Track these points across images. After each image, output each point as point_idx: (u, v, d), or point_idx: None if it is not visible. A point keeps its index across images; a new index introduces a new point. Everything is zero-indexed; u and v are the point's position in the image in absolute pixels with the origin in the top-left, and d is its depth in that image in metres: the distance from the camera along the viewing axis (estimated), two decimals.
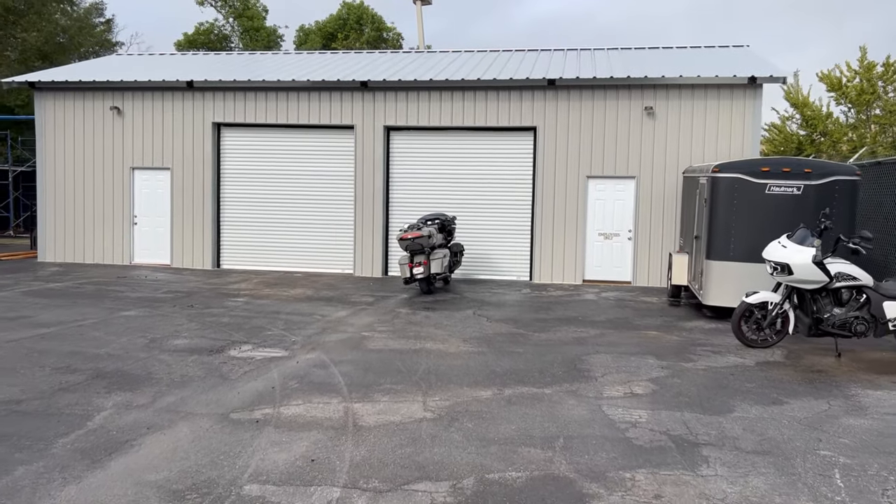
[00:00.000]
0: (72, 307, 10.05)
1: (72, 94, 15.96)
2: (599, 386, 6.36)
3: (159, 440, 4.77)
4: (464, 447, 4.72)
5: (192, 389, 6.01)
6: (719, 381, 6.62)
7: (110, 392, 5.88)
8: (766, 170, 9.89)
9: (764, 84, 13.49)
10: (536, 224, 14.24)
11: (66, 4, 30.34)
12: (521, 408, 5.64)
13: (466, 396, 5.93)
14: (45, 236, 16.22)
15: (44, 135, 16.12)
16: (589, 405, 5.75)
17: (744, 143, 13.63)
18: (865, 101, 19.95)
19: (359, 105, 14.80)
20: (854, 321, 7.86)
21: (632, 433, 5.07)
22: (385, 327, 9.05)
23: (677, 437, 5.02)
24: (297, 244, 15.22)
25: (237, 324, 9.07)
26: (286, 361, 7.08)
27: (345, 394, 5.96)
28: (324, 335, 8.44)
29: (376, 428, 5.10)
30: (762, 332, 8.26)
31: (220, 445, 4.68)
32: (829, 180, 9.77)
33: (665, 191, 13.83)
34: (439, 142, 14.76)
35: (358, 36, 30.99)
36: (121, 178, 15.81)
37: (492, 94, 14.35)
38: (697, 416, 5.50)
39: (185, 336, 8.23)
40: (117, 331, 8.44)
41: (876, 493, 4.08)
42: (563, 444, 4.81)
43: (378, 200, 14.73)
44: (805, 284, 7.90)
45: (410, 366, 6.99)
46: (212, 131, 15.39)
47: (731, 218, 10.02)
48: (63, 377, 6.31)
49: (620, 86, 13.91)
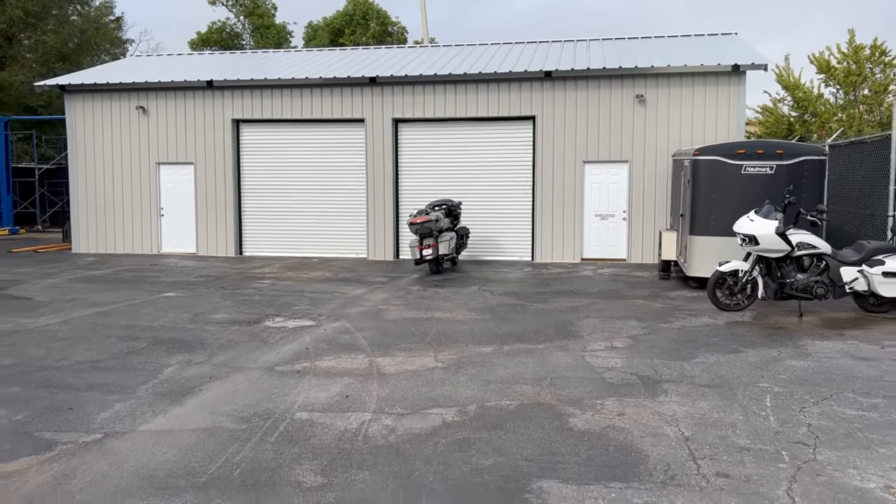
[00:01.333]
0: (117, 290, 11.19)
1: (100, 95, 17.07)
2: (585, 342, 7.43)
3: (221, 386, 5.87)
4: (468, 386, 5.80)
5: (238, 350, 7.12)
6: (690, 337, 7.67)
7: (171, 353, 7.00)
8: (741, 152, 10.87)
9: (747, 71, 14.43)
10: (537, 207, 15.27)
11: (80, 5, 31.42)
12: (516, 358, 6.72)
13: (471, 352, 7.01)
14: (78, 229, 17.39)
15: (74, 134, 17.25)
16: (574, 356, 6.82)
17: (729, 127, 14.57)
18: (852, 82, 20.76)
19: (368, 99, 15.83)
20: (815, 285, 8.89)
21: (607, 375, 6.14)
22: (399, 301, 10.14)
23: (644, 376, 6.08)
24: (314, 231, 16.31)
25: (267, 301, 10.18)
26: (315, 329, 8.18)
27: (368, 351, 7.06)
28: (345, 308, 9.54)
29: (396, 374, 6.19)
30: (734, 297, 9.29)
31: (271, 388, 5.79)
32: (798, 160, 10.75)
33: (656, 173, 14.81)
34: (445, 132, 15.78)
35: (364, 31, 32.06)
36: (147, 172, 16.94)
37: (493, 86, 15.34)
38: (664, 362, 6.56)
39: (224, 312, 9.35)
40: (163, 308, 9.57)
41: (794, 410, 5.14)
42: (549, 382, 5.88)
43: (388, 188, 15.79)
44: (770, 253, 8.92)
45: (423, 330, 8.08)
46: (231, 127, 16.47)
47: (712, 196, 11.02)
48: (129, 343, 7.44)
49: (613, 75, 14.86)
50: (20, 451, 4.43)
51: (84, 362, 6.67)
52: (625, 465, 4.16)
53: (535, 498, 3.73)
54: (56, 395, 5.60)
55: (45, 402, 5.44)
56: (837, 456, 4.28)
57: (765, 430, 4.74)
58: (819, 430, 4.72)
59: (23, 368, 6.43)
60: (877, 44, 20.90)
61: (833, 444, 4.47)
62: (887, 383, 5.83)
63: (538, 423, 4.89)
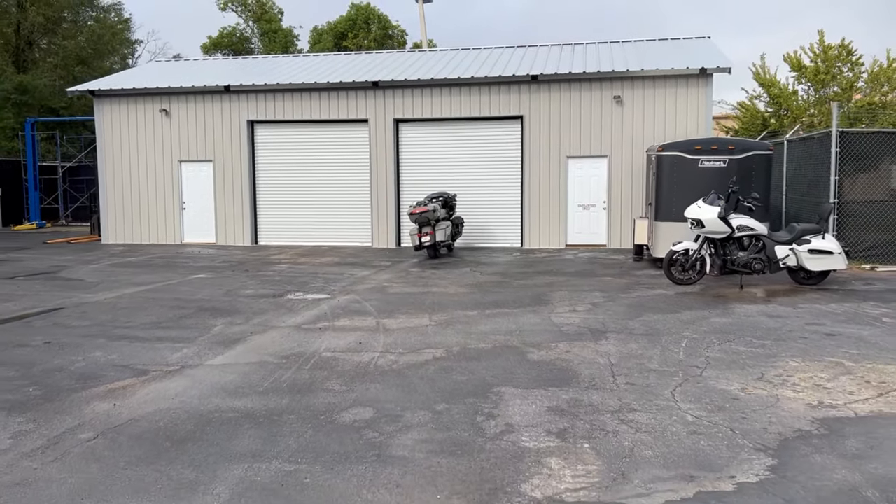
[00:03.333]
0: (154, 273, 12.83)
1: (126, 98, 18.68)
2: (553, 308, 9.04)
3: (261, 337, 7.50)
4: (454, 336, 7.42)
5: (269, 315, 8.74)
6: (641, 304, 9.28)
7: (215, 317, 8.63)
8: (698, 148, 12.46)
9: (714, 73, 15.99)
10: (525, 198, 16.86)
11: (94, 10, 32.95)
12: (494, 319, 8.34)
13: (459, 315, 8.63)
14: (107, 221, 19.03)
15: (103, 135, 18.87)
16: (541, 316, 8.44)
17: (698, 124, 16.14)
18: (821, 80, 22.29)
19: (371, 101, 17.42)
20: (753, 261, 10.49)
21: (564, 328, 7.76)
22: (400, 280, 11.76)
23: (594, 329, 7.69)
24: (323, 221, 17.92)
25: (286, 280, 11.80)
26: (330, 300, 9.80)
27: (375, 315, 8.68)
28: (354, 286, 11.16)
29: (398, 329, 7.81)
30: (686, 272, 10.88)
31: (300, 338, 7.41)
32: (747, 155, 12.33)
33: (633, 167, 16.39)
34: (441, 131, 17.37)
35: (366, 34, 33.71)
36: (170, 169, 18.56)
37: (484, 89, 16.92)
38: (613, 320, 8.17)
39: (251, 288, 10.98)
40: (198, 286, 11.21)
41: (701, 349, 6.74)
42: (518, 333, 7.50)
43: (390, 182, 17.40)
44: (714, 234, 10.52)
45: (420, 301, 9.69)
46: (247, 128, 18.07)
47: (673, 187, 12.61)
48: (178, 311, 9.07)
49: (593, 78, 16.43)
50: (124, 375, 6.05)
51: (147, 323, 8.30)
52: (562, 379, 5.78)
53: (494, 395, 5.35)
54: (134, 344, 7.24)
55: (127, 348, 7.07)
56: (717, 373, 5.89)
57: (673, 360, 6.35)
58: (713, 360, 6.33)
59: (100, 328, 8.07)
60: (844, 44, 22.43)
61: (718, 367, 6.08)
62: (782, 332, 7.44)
63: (504, 357, 6.51)
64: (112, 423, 4.85)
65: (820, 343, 6.92)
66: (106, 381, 5.86)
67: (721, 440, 4.39)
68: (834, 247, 10.36)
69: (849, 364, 6.13)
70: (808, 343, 6.92)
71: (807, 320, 8.02)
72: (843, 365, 6.10)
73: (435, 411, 5.01)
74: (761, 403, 5.09)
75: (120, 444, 4.46)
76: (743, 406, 5.04)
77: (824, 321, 7.96)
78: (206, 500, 3.65)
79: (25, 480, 3.92)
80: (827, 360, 6.29)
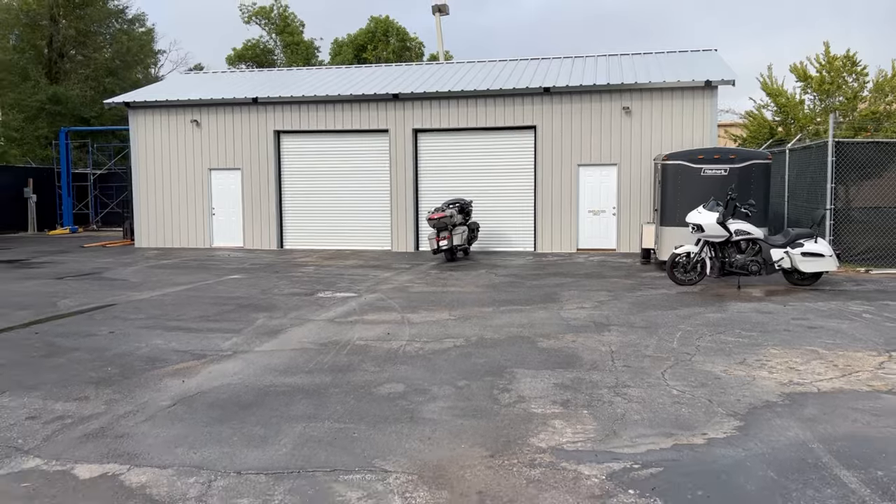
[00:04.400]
0: (191, 274, 13.79)
1: (159, 110, 19.74)
2: (562, 305, 9.86)
3: (299, 329, 8.39)
4: (471, 328, 8.27)
5: (304, 311, 9.63)
6: (644, 302, 10.08)
7: (256, 312, 9.53)
8: (701, 157, 13.24)
9: (718, 85, 16.76)
10: (538, 204, 17.69)
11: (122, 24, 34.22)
12: (508, 314, 9.18)
13: (475, 311, 9.47)
14: (140, 226, 20.07)
15: (137, 144, 19.94)
16: (551, 312, 9.26)
17: (703, 134, 16.91)
18: (825, 90, 22.96)
19: (392, 113, 18.35)
20: (750, 263, 11.26)
21: (571, 322, 8.58)
22: (420, 281, 12.63)
23: (598, 323, 8.51)
24: (345, 226, 18.85)
25: (315, 280, 12.71)
26: (357, 298, 10.68)
27: (399, 311, 9.54)
28: (378, 285, 12.04)
29: (420, 322, 8.66)
30: (688, 274, 11.66)
31: (334, 329, 8.29)
32: (747, 163, 13.10)
33: (641, 175, 17.18)
34: (458, 140, 18.26)
35: (385, 46, 34.84)
36: (200, 177, 19.58)
37: (499, 100, 17.80)
38: (616, 315, 8.98)
39: (284, 288, 11.89)
40: (234, 286, 12.13)
41: (693, 339, 7.54)
42: (529, 326, 8.33)
43: (409, 189, 18.30)
44: (714, 238, 11.30)
45: (440, 299, 10.55)
46: (273, 137, 19.06)
47: (677, 194, 13.40)
48: (220, 307, 9.99)
49: (603, 90, 17.26)
50: (185, 358, 6.96)
51: (195, 317, 9.22)
52: (567, 362, 6.61)
53: (507, 374, 6.19)
54: (188, 334, 8.15)
55: (183, 337, 7.98)
56: (704, 358, 6.70)
57: (666, 348, 7.16)
58: (703, 348, 7.13)
59: (155, 321, 9.00)
60: (849, 55, 23.08)
61: (706, 354, 6.88)
62: (769, 325, 8.22)
63: (517, 345, 7.35)
64: (184, 394, 5.75)
65: (801, 334, 7.69)
66: (171, 363, 6.76)
67: (699, 408, 5.20)
68: (825, 250, 11.10)
69: (822, 352, 6.91)
70: (790, 335, 7.70)
71: (793, 316, 8.79)
72: (817, 352, 6.89)
73: (457, 386, 5.86)
74: (739, 382, 5.89)
75: (196, 409, 5.35)
76: (723, 384, 5.84)
77: (809, 316, 8.73)
78: (276, 448, 4.52)
79: (126, 434, 4.82)
80: (804, 348, 7.07)
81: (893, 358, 6.64)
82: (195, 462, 4.29)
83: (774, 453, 4.33)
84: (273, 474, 4.09)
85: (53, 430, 4.90)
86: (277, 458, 4.35)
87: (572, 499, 3.72)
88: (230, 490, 3.88)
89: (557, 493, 3.79)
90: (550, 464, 4.19)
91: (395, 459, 4.29)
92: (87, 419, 5.14)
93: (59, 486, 3.97)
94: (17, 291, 11.59)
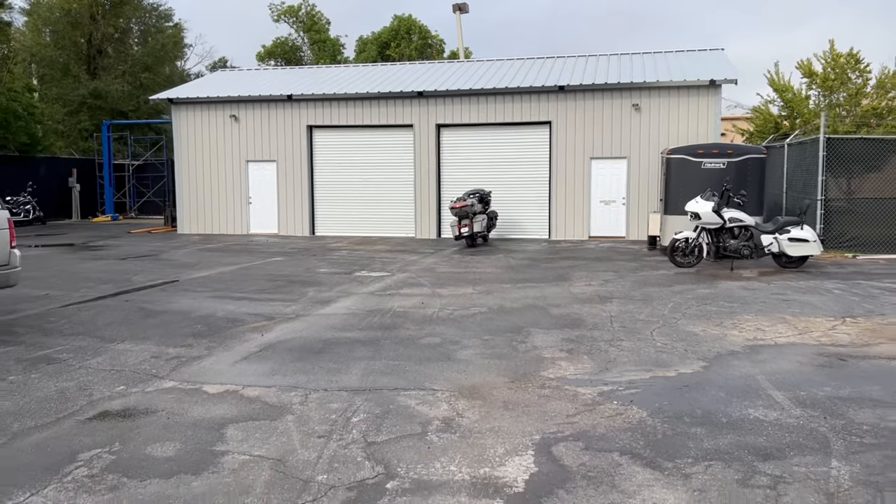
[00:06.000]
0: (237, 256, 15.28)
1: (200, 106, 21.26)
2: (572, 282, 11.23)
3: (346, 300, 9.83)
4: (493, 300, 9.67)
5: (347, 286, 11.08)
6: (645, 281, 11.42)
7: (305, 287, 10.99)
8: (701, 152, 14.51)
9: (722, 84, 17.97)
10: (552, 194, 19.02)
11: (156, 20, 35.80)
12: (524, 289, 10.56)
13: (496, 286, 10.87)
14: (182, 214, 21.65)
15: (179, 137, 21.48)
16: (562, 288, 10.64)
17: (708, 129, 18.13)
18: (829, 86, 24.01)
19: (416, 109, 19.73)
20: (742, 248, 12.54)
21: (579, 295, 9.96)
22: (445, 263, 14.04)
23: (602, 296, 9.88)
24: (372, 214, 20.29)
25: (351, 262, 14.16)
26: (391, 277, 12.11)
27: (429, 286, 10.96)
28: (407, 267, 13.46)
29: (449, 296, 10.07)
30: (687, 257, 12.95)
31: (376, 300, 9.73)
32: (744, 158, 14.35)
33: (650, 167, 18.44)
34: (478, 134, 19.61)
35: (408, 44, 36.27)
36: (238, 168, 21.09)
37: (517, 97, 19.11)
38: (619, 290, 10.34)
39: (324, 268, 13.35)
40: (280, 266, 13.61)
41: (682, 308, 8.89)
42: (543, 298, 9.72)
43: (432, 180, 19.69)
44: (710, 225, 12.59)
45: (463, 277, 11.96)
46: (306, 132, 20.52)
47: (679, 185, 14.68)
48: (273, 283, 11.46)
49: (614, 88, 18.52)
50: (258, 319, 8.42)
51: (255, 290, 10.71)
52: (573, 324, 8.00)
53: (524, 332, 7.59)
54: (254, 302, 9.62)
55: (250, 305, 9.45)
56: (689, 322, 8.05)
57: (658, 315, 8.52)
58: (689, 315, 8.49)
59: (221, 293, 10.48)
60: (852, 52, 24.10)
61: (691, 319, 8.24)
62: (749, 299, 9.54)
63: (532, 312, 8.74)
64: (266, 343, 7.21)
65: (775, 305, 9.02)
66: (248, 323, 8.24)
67: (676, 355, 6.57)
68: (810, 236, 12.37)
69: (789, 318, 8.24)
70: (765, 305, 9.03)
71: (773, 292, 10.11)
72: (784, 318, 8.22)
73: (483, 339, 7.27)
74: (712, 338, 7.25)
75: (279, 352, 6.80)
76: (699, 339, 7.21)
77: (787, 292, 10.04)
78: (348, 376, 5.96)
79: (230, 370, 6.27)
80: (774, 315, 8.41)
81: (846, 322, 7.96)
82: (290, 384, 5.74)
83: (727, 381, 5.70)
84: (351, 390, 5.53)
85: (175, 365, 6.37)
86: (350, 382, 5.79)
87: (572, 406, 5.13)
88: (322, 399, 5.33)
89: (561, 403, 5.19)
90: (556, 387, 5.59)
91: (440, 383, 5.72)
92: (196, 358, 6.61)
93: (196, 397, 5.44)
94: (94, 269, 13.16)
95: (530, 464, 4.09)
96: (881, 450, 4.24)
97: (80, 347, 7.02)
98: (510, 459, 4.15)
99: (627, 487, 3.77)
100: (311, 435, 4.59)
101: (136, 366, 6.36)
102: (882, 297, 9.62)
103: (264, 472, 4.02)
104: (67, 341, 7.28)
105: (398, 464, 4.11)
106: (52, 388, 5.66)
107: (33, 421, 4.92)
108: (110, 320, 8.41)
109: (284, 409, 5.12)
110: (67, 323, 8.23)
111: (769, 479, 3.84)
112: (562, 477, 3.91)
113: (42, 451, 4.37)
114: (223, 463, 4.15)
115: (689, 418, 4.83)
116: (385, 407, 5.14)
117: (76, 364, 6.40)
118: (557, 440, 4.45)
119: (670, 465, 4.04)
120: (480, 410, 5.05)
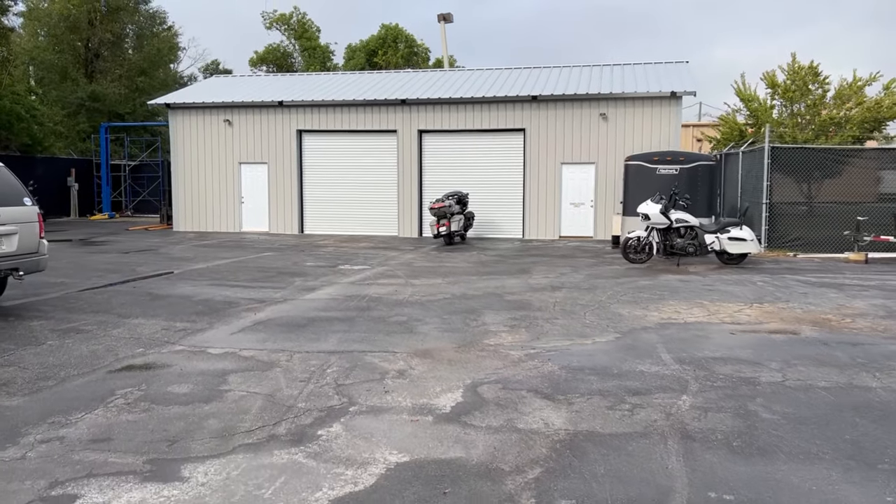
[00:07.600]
0: (231, 251, 16.57)
1: (196, 110, 22.53)
2: (531, 275, 12.61)
3: (328, 288, 11.16)
4: (458, 288, 11.03)
5: (330, 277, 12.41)
6: (597, 274, 12.81)
7: (293, 277, 12.31)
8: (656, 159, 15.95)
9: (683, 96, 19.43)
10: (526, 197, 20.42)
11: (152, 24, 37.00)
12: (488, 280, 11.93)
13: (463, 278, 12.23)
14: (178, 213, 22.90)
15: (176, 140, 22.74)
16: (521, 280, 12.01)
17: (670, 137, 19.58)
18: (790, 97, 25.56)
19: (399, 115, 21.08)
20: (688, 246, 13.96)
21: (534, 286, 11.33)
22: (422, 258, 15.39)
23: (554, 286, 11.25)
24: (358, 214, 21.62)
25: (335, 257, 15.49)
26: (371, 270, 13.45)
27: (403, 278, 12.31)
28: (387, 261, 14.80)
29: (420, 285, 11.43)
30: (638, 254, 14.36)
31: (355, 289, 11.06)
32: (695, 164, 15.80)
33: (616, 172, 19.86)
34: (458, 140, 20.98)
35: (394, 52, 37.70)
36: (232, 170, 22.37)
37: (493, 106, 20.51)
38: (570, 282, 11.72)
39: (311, 262, 14.67)
40: (271, 260, 14.92)
41: (619, 297, 10.27)
42: (502, 287, 11.09)
43: (414, 182, 21.04)
44: (658, 225, 14.00)
45: (436, 270, 13.31)
46: (296, 136, 21.83)
47: (637, 189, 16.11)
48: (264, 273, 12.78)
49: (583, 98, 19.95)
50: (251, 303, 9.74)
51: (247, 279, 12.02)
52: (521, 307, 9.36)
53: (477, 313, 8.95)
54: (246, 289, 10.94)
55: (243, 291, 10.77)
56: (619, 306, 9.43)
57: (595, 301, 9.90)
58: (623, 301, 9.87)
59: (217, 282, 11.79)
60: (812, 65, 25.66)
61: (622, 304, 9.62)
62: (680, 288, 10.94)
63: (489, 299, 10.11)
64: (258, 320, 8.53)
65: (700, 294, 10.43)
66: (242, 305, 9.56)
67: (598, 329, 7.95)
68: (748, 235, 13.80)
69: (706, 303, 9.65)
70: (691, 293, 10.44)
71: (705, 284, 11.52)
72: (702, 304, 9.63)
73: (442, 318, 8.63)
74: (633, 318, 8.64)
75: (269, 327, 8.13)
76: (622, 318, 8.59)
77: (716, 284, 11.45)
78: (326, 343, 7.30)
79: (229, 339, 7.60)
80: (695, 301, 9.81)
81: (752, 307, 9.37)
82: (278, 348, 7.08)
83: (631, 347, 7.09)
84: (328, 353, 6.88)
85: (182, 335, 7.70)
86: (328, 347, 7.14)
87: (501, 363, 6.49)
88: (304, 358, 6.67)
89: (493, 361, 6.56)
90: (493, 350, 6.96)
91: (400, 348, 7.08)
92: (200, 330, 7.94)
93: (202, 356, 6.76)
94: (100, 261, 14.43)
95: (458, 397, 5.45)
96: (723, 390, 5.63)
97: (102, 321, 8.33)
98: (444, 395, 5.52)
99: (526, 410, 5.14)
100: (294, 380, 5.93)
101: (151, 335, 7.68)
102: (796, 287, 11.05)
103: (258, 401, 5.36)
104: (90, 317, 8.59)
105: (359, 397, 5.47)
106: (84, 350, 6.97)
107: (75, 370, 6.23)
108: (123, 302, 9.71)
109: (273, 364, 6.46)
110: (86, 304, 9.53)
111: (630, 406, 5.22)
112: (480, 404, 5.28)
113: (87, 389, 5.69)
114: (227, 396, 5.49)
115: (588, 370, 6.21)
116: (354, 363, 6.49)
117: (101, 333, 7.71)
118: (483, 383, 5.81)
119: (562, 398, 5.41)
120: (429, 366, 6.41)
